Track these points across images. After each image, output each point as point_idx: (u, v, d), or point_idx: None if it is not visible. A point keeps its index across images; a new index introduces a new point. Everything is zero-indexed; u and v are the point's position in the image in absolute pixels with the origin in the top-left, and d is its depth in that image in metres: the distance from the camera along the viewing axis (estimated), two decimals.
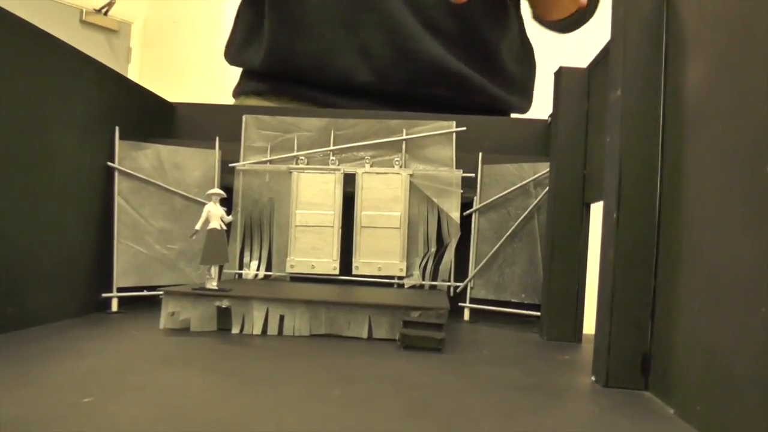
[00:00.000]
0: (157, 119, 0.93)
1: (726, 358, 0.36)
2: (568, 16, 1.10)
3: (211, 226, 0.66)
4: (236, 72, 1.21)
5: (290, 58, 1.05)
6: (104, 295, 0.76)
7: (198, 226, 0.67)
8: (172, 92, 1.00)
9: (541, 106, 1.00)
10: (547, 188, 0.76)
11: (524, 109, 1.16)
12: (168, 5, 4.85)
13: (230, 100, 1.18)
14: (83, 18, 4.77)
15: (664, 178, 0.47)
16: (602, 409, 0.42)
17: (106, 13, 4.85)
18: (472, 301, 0.83)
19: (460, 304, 0.83)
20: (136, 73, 4.92)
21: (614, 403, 0.43)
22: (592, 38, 0.83)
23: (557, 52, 1.26)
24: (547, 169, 0.77)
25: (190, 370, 0.49)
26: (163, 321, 0.64)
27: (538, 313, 0.74)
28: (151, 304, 0.76)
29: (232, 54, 1.16)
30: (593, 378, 0.50)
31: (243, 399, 0.40)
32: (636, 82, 0.48)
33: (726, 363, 0.35)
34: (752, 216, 0.34)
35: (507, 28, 1.11)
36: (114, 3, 4.81)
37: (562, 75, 0.71)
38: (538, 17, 1.17)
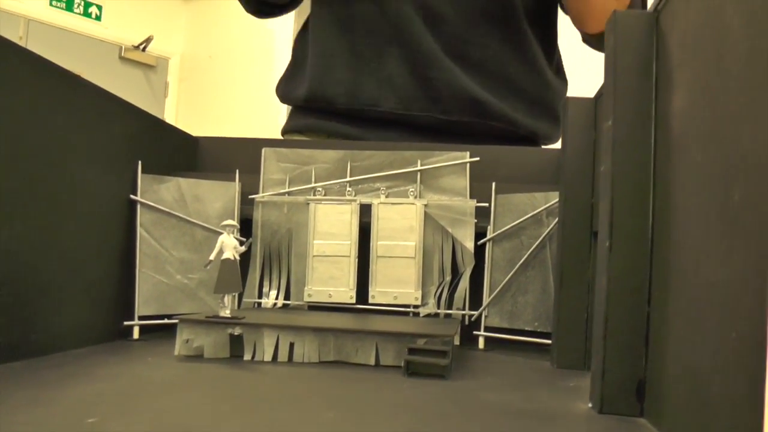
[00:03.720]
0: (181, 153, 0.96)
1: (705, 383, 0.36)
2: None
3: (225, 256, 0.68)
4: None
5: (326, 88, 1.12)
6: (126, 323, 0.79)
7: (212, 257, 0.69)
8: (207, 125, 1.04)
9: None
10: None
11: (554, 136, 1.18)
12: (204, 40, 4.96)
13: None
14: (122, 54, 4.91)
15: (656, 206, 0.48)
16: None
17: (144, 49, 4.98)
18: (487, 329, 0.83)
19: (474, 332, 0.84)
20: (173, 107, 5.04)
21: (603, 430, 0.44)
22: None
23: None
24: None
25: (193, 394, 0.50)
26: (178, 348, 0.66)
27: (550, 341, 0.75)
28: (172, 332, 0.78)
29: (281, 90, 1.24)
30: (590, 404, 0.50)
31: (237, 420, 0.42)
32: (627, 112, 0.49)
33: (705, 387, 0.36)
34: (724, 243, 0.35)
35: (532, 56, 1.13)
36: (152, 39, 4.94)
37: (569, 105, 0.72)
38: (583, 35, 1.18)
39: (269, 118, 3.75)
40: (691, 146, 0.41)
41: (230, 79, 4.60)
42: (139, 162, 0.82)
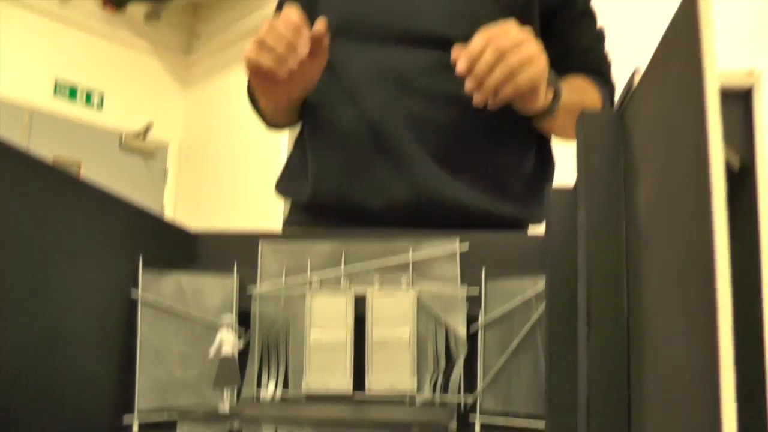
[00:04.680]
0: (180, 248, 0.99)
1: None
2: None
3: (224, 351, 0.71)
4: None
5: (321, 195, 1.19)
6: (126, 418, 0.80)
7: (211, 353, 0.71)
8: (206, 211, 1.08)
9: None
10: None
11: (540, 219, 1.22)
12: (202, 127, 5.08)
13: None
14: (123, 142, 5.01)
15: (630, 294, 0.51)
16: None
17: (144, 137, 5.08)
18: (483, 413, 0.85)
19: (470, 416, 0.85)
20: (171, 193, 5.11)
21: None
22: None
23: None
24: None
25: None
26: None
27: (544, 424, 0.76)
28: (172, 427, 0.80)
29: (281, 189, 1.30)
30: None
31: None
32: (598, 206, 0.52)
33: None
34: (685, 331, 0.37)
35: (522, 153, 1.18)
36: (152, 127, 5.04)
37: (551, 195, 0.75)
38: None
39: (266, 203, 3.80)
40: (655, 238, 0.44)
41: (228, 164, 4.68)
42: (140, 258, 0.85)
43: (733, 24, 2.55)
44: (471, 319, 0.88)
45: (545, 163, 1.25)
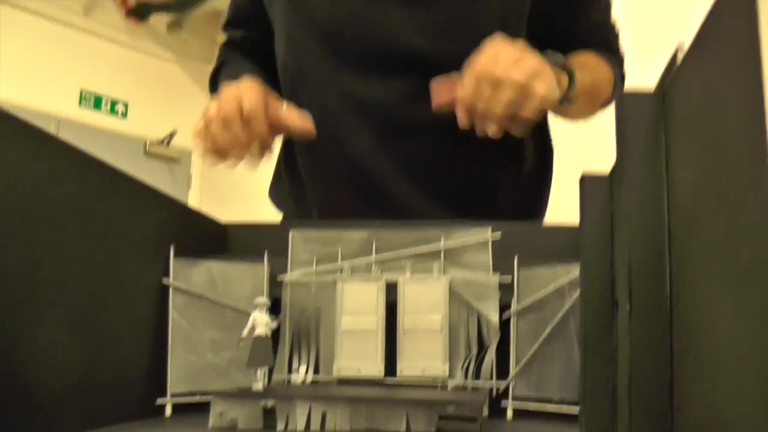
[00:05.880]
0: (210, 238, 1.00)
1: None
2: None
3: (257, 331, 0.71)
4: None
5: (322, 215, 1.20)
6: (159, 400, 0.81)
7: (245, 333, 0.72)
8: (229, 214, 1.08)
9: None
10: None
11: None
12: None
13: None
14: (147, 149, 5.05)
15: (673, 270, 0.50)
16: None
17: (168, 144, 5.12)
18: (515, 399, 0.85)
19: (502, 402, 0.85)
20: (196, 198, 5.15)
21: None
22: None
23: None
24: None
25: None
26: (212, 420, 0.68)
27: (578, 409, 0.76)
28: (204, 410, 0.80)
29: (280, 202, 1.35)
30: None
31: None
32: (638, 182, 0.52)
33: None
34: (735, 298, 0.37)
35: (515, 166, 1.17)
36: (176, 133, 5.08)
37: (585, 182, 0.75)
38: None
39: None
40: (701, 214, 0.43)
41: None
42: (172, 247, 0.86)
43: None
44: (503, 307, 0.88)
45: (544, 171, 1.23)
